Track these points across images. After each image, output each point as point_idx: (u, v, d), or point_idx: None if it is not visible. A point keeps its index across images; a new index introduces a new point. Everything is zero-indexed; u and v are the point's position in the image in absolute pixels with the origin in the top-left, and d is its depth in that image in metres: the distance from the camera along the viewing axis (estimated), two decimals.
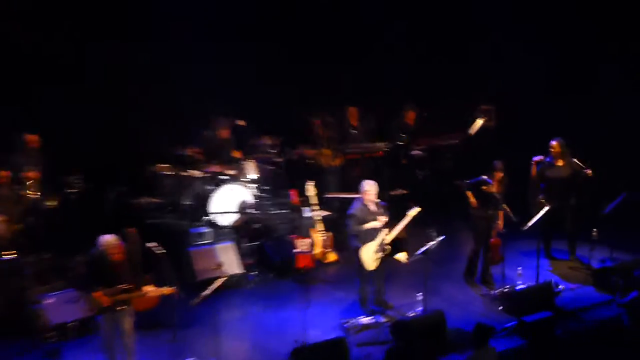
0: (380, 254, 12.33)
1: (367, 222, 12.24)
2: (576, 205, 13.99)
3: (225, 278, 11.60)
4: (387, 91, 17.62)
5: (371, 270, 12.42)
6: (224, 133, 15.43)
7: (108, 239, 10.41)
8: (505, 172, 13.24)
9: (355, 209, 12.34)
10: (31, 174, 13.61)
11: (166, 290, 10.77)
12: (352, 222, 12.30)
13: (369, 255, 12.32)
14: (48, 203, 13.59)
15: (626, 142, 17.07)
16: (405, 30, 18.32)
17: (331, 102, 16.82)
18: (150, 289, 10.79)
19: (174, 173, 15.05)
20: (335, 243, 14.09)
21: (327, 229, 14.06)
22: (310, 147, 16.04)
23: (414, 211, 12.50)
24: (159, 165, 15.17)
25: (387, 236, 12.32)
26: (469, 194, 13.36)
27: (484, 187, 13.16)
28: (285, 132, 16.08)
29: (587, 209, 13.98)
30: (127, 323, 10.71)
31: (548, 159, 13.96)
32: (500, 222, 13.36)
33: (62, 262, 13.42)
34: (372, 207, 12.30)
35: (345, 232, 12.70)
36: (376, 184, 12.43)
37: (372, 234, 12.32)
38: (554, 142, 13.89)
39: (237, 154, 15.42)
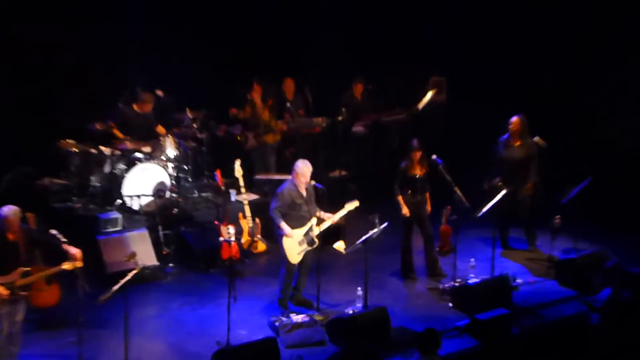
0: (305, 247, 12.20)
1: (294, 205, 12.09)
2: (536, 190, 13.92)
3: (138, 270, 11.26)
4: (326, 61, 17.52)
5: (297, 264, 12.32)
6: (147, 107, 15.18)
7: (8, 210, 10.26)
8: (424, 150, 13.15)
9: (283, 189, 12.20)
10: None
11: (67, 265, 10.47)
12: (277, 202, 12.11)
13: (293, 246, 12.17)
14: None
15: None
16: None
17: (265, 72, 16.65)
18: (46, 269, 10.63)
19: (81, 150, 14.81)
20: (264, 231, 13.92)
21: (255, 216, 13.89)
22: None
23: (352, 204, 12.45)
24: (65, 141, 14.93)
25: (317, 227, 12.21)
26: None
27: (404, 171, 13.17)
28: (211, 104, 15.88)
29: (549, 193, 13.98)
30: (21, 314, 10.56)
31: (505, 137, 13.89)
32: (428, 207, 13.35)
33: None
34: (303, 191, 12.16)
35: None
36: (309, 164, 12.36)
37: (299, 219, 12.18)
38: (514, 119, 13.81)
39: (161, 130, 15.22)
